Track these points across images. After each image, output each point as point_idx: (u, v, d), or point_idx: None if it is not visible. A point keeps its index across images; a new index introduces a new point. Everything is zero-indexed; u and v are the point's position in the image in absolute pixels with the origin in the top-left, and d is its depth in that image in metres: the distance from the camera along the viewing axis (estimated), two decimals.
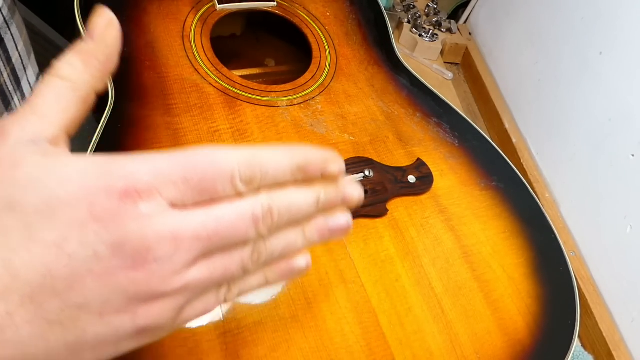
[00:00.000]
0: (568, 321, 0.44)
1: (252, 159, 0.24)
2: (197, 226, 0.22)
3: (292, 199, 0.25)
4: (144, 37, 0.52)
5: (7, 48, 0.39)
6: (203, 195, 0.23)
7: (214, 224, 0.23)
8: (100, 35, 0.26)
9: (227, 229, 0.23)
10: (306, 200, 0.26)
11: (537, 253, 0.47)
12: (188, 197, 0.22)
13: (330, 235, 0.27)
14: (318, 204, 0.26)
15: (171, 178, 0.22)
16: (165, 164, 0.22)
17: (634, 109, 0.62)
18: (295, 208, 0.25)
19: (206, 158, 0.23)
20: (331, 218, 0.27)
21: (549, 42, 0.79)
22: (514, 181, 0.53)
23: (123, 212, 0.21)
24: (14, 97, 0.40)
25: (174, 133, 0.46)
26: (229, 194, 0.23)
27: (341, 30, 0.62)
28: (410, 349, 0.39)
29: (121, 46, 0.27)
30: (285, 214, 0.25)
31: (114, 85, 0.48)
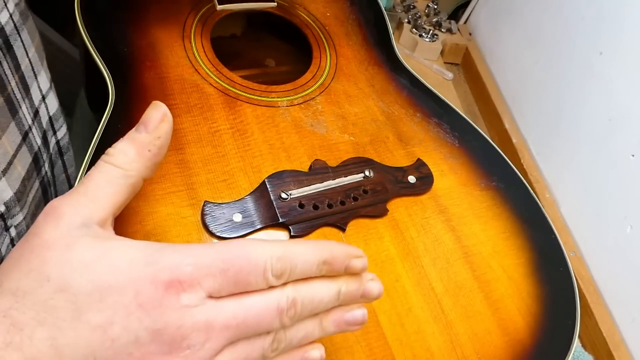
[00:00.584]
0: (568, 321, 0.44)
1: (284, 254, 0.26)
2: (228, 316, 0.25)
3: (316, 292, 0.27)
4: (144, 38, 0.52)
5: (15, 55, 0.39)
6: (237, 287, 0.25)
7: (243, 314, 0.25)
8: (154, 128, 0.29)
9: (254, 319, 0.25)
10: (329, 293, 0.27)
11: (537, 253, 0.47)
12: (224, 288, 0.25)
13: (346, 327, 0.29)
14: (339, 297, 0.28)
15: (211, 270, 0.24)
16: (206, 257, 0.25)
17: (634, 109, 0.62)
18: (317, 300, 0.27)
19: (243, 252, 0.25)
20: (349, 311, 0.29)
21: (549, 42, 0.79)
22: (514, 181, 0.53)
23: (166, 302, 0.24)
24: (22, 104, 0.40)
25: (175, 133, 0.46)
26: (261, 286, 0.25)
27: (341, 30, 0.62)
28: (410, 349, 0.39)
29: (169, 133, 0.30)
30: (308, 305, 0.27)
31: (114, 85, 0.48)
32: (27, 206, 0.40)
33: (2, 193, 0.36)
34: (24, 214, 0.39)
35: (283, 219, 0.42)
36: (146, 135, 0.29)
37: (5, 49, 0.38)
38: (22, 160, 0.40)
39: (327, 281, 0.28)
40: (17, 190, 0.38)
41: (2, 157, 0.37)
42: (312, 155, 0.48)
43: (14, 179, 0.38)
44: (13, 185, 0.38)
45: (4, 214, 0.37)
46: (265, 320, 0.25)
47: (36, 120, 0.43)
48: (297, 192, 0.44)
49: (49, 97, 0.46)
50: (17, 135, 0.39)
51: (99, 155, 0.43)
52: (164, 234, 0.40)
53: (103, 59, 0.49)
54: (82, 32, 0.51)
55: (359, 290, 0.29)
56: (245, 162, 0.46)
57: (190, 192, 0.43)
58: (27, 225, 0.40)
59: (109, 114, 0.46)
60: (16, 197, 0.38)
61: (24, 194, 0.40)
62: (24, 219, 0.40)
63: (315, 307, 0.27)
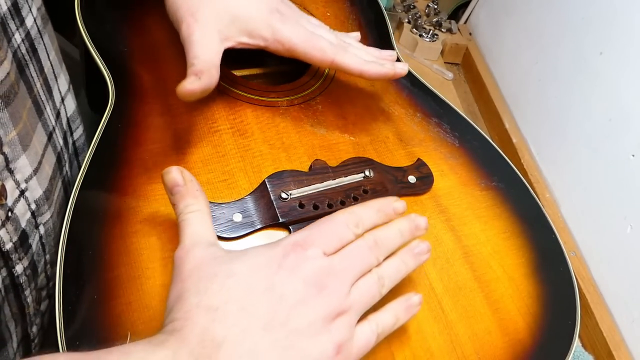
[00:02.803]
0: (568, 321, 0.44)
1: (351, 211, 0.37)
2: (342, 260, 0.34)
3: (384, 231, 0.37)
4: (145, 37, 0.52)
5: (40, 58, 0.40)
6: (338, 242, 0.35)
7: (349, 257, 0.35)
8: (187, 181, 0.38)
9: (358, 258, 0.35)
10: (393, 231, 0.38)
11: (537, 253, 0.47)
12: (329, 244, 0.35)
13: (419, 256, 0.38)
14: (401, 233, 0.38)
15: (315, 234, 0.35)
16: (307, 229, 0.36)
17: (634, 109, 0.62)
18: (388, 237, 0.37)
19: (327, 219, 0.36)
20: (414, 245, 0.39)
21: (549, 42, 0.79)
22: (514, 181, 0.53)
23: (299, 258, 0.33)
24: (47, 106, 0.41)
25: (175, 133, 0.46)
26: (350, 237, 0.36)
27: (341, 30, 0.62)
28: (410, 349, 0.39)
29: (191, 177, 0.39)
30: (384, 241, 0.37)
31: (114, 85, 0.48)
32: (54, 205, 0.41)
33: (33, 192, 0.38)
34: (51, 213, 0.40)
35: (283, 218, 0.42)
36: (187, 184, 0.38)
37: (31, 52, 0.39)
38: (49, 160, 0.41)
39: (389, 224, 0.38)
40: (45, 189, 0.39)
41: (34, 157, 0.38)
42: (312, 155, 0.48)
43: (43, 178, 0.39)
44: (42, 184, 0.39)
45: (35, 212, 0.38)
46: (364, 257, 0.35)
47: (58, 121, 0.44)
48: (297, 192, 0.44)
49: (68, 98, 0.46)
50: (44, 136, 0.40)
51: (99, 155, 0.43)
52: (163, 233, 0.40)
53: (103, 59, 0.49)
54: (82, 32, 0.51)
55: (412, 223, 0.39)
56: (245, 162, 0.46)
57: None
58: (53, 224, 0.41)
59: (109, 114, 0.46)
60: (45, 196, 0.39)
61: (51, 192, 0.41)
62: (51, 218, 0.40)
63: (389, 243, 0.37)
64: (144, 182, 0.42)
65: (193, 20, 0.42)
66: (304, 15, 0.49)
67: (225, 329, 0.30)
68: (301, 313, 0.32)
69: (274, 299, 0.32)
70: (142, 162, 0.44)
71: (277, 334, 0.31)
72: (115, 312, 0.36)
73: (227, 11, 0.43)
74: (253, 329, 0.31)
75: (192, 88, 0.39)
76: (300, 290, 0.32)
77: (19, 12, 0.37)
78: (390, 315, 0.36)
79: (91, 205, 0.41)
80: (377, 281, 0.36)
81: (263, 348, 0.30)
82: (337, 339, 0.32)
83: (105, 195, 0.42)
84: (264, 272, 0.33)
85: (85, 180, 0.41)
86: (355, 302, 0.34)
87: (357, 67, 0.46)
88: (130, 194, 0.42)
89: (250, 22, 0.44)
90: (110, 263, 0.38)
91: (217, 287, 0.32)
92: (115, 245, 0.39)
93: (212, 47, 0.42)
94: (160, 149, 0.45)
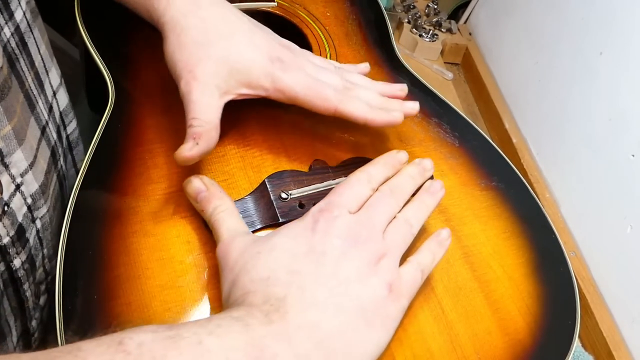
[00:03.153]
0: (568, 321, 0.44)
1: (361, 171, 0.41)
2: (369, 212, 0.38)
3: (396, 178, 0.42)
4: (144, 37, 0.52)
5: (30, 52, 0.40)
6: (357, 201, 0.39)
7: (373, 208, 0.38)
8: (209, 186, 0.40)
9: (383, 207, 0.39)
10: (403, 176, 0.42)
11: (537, 253, 0.47)
12: (352, 204, 0.38)
13: (434, 194, 0.42)
14: (411, 176, 0.42)
15: (336, 199, 0.38)
16: (329, 196, 0.39)
17: (634, 109, 0.62)
18: (400, 182, 0.41)
19: (343, 184, 0.40)
20: (428, 186, 0.42)
21: (549, 42, 0.79)
22: (514, 181, 0.53)
23: (328, 220, 0.37)
24: (39, 100, 0.41)
25: (175, 133, 0.46)
26: (368, 192, 0.39)
27: (341, 30, 0.62)
28: (410, 349, 0.39)
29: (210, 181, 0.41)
30: (398, 186, 0.41)
31: (114, 85, 0.48)
32: (50, 199, 0.41)
33: (29, 186, 0.38)
34: (47, 207, 0.40)
35: (283, 218, 0.42)
36: (209, 187, 0.40)
37: (21, 47, 0.39)
38: (44, 155, 0.41)
39: (398, 173, 0.42)
40: (41, 183, 0.39)
41: (29, 151, 0.38)
42: (312, 155, 0.48)
43: (38, 172, 0.39)
44: (38, 178, 0.39)
45: (31, 206, 0.38)
46: (386, 205, 0.39)
47: (51, 115, 0.44)
48: (297, 192, 0.44)
49: (60, 92, 0.46)
50: (37, 130, 0.40)
51: (99, 155, 0.43)
52: (163, 233, 0.40)
53: (103, 59, 0.49)
54: (82, 32, 0.51)
55: (419, 166, 0.43)
56: (245, 162, 0.46)
57: None
58: (50, 218, 0.41)
59: (109, 113, 0.46)
60: (41, 190, 0.39)
61: (47, 186, 0.41)
62: (47, 212, 0.41)
63: (404, 188, 0.41)
64: (144, 182, 0.42)
65: (191, 77, 0.41)
66: (308, 57, 0.48)
67: (282, 288, 0.33)
68: (346, 264, 0.35)
69: (317, 258, 0.35)
70: (142, 162, 0.44)
71: (330, 284, 0.34)
72: (115, 312, 0.36)
73: (225, 64, 0.42)
74: (307, 284, 0.33)
75: (190, 155, 0.39)
76: (338, 245, 0.35)
77: (8, 6, 0.37)
78: (427, 252, 0.39)
79: (91, 205, 0.41)
80: (405, 223, 0.39)
81: (322, 297, 0.33)
82: (386, 279, 0.35)
83: (105, 195, 0.42)
84: (301, 239, 0.36)
85: (85, 180, 0.41)
86: (391, 244, 0.37)
87: (362, 116, 0.44)
88: (130, 194, 0.42)
89: (250, 73, 0.43)
90: (110, 263, 0.38)
91: (263, 261, 0.34)
92: (115, 245, 0.39)
93: (212, 105, 0.41)
94: (160, 149, 0.45)
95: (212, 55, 0.42)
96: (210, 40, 0.43)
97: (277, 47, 0.45)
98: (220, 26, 0.44)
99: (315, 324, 0.32)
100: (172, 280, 0.38)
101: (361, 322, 0.33)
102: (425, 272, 0.39)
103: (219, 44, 0.43)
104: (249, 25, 0.45)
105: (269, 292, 0.33)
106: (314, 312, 0.32)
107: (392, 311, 0.35)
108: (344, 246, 0.36)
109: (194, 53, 0.42)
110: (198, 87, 0.41)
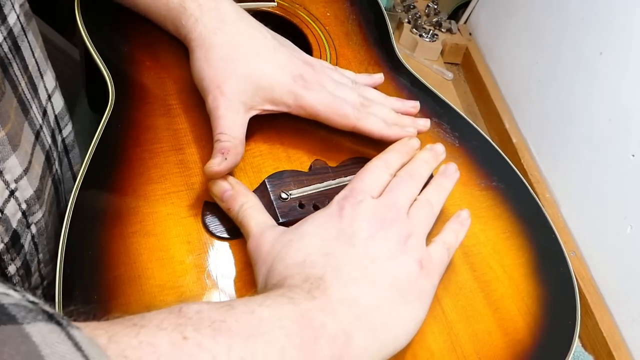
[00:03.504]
0: (568, 321, 0.44)
1: (378, 159, 0.43)
2: (391, 195, 0.40)
3: (412, 163, 0.44)
4: (144, 37, 0.52)
5: (23, 56, 0.40)
6: (378, 186, 0.40)
7: (395, 191, 0.40)
8: (233, 184, 0.41)
9: (401, 189, 0.40)
10: (417, 160, 0.44)
11: (537, 253, 0.47)
12: (373, 190, 0.40)
13: (451, 176, 0.44)
14: (426, 160, 0.44)
15: (358, 186, 0.40)
16: (350, 184, 0.40)
17: (634, 109, 0.62)
18: (416, 166, 0.43)
19: (362, 172, 0.41)
20: (443, 169, 0.44)
21: (549, 42, 0.79)
22: (514, 181, 0.53)
23: (353, 205, 0.38)
24: (32, 105, 0.41)
25: (174, 133, 0.46)
26: (387, 178, 0.41)
27: (341, 30, 0.62)
28: (410, 348, 0.39)
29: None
30: (415, 170, 0.43)
31: (114, 85, 0.48)
32: (45, 204, 0.41)
33: (24, 191, 0.38)
34: (42, 212, 0.40)
35: (283, 219, 0.42)
36: (234, 186, 0.41)
37: (14, 51, 0.39)
38: (38, 159, 0.41)
39: (413, 159, 0.44)
40: (36, 188, 0.39)
41: (24, 157, 0.38)
42: (312, 155, 0.48)
43: (33, 177, 0.39)
44: (33, 183, 0.39)
45: (26, 212, 0.38)
46: (406, 187, 0.41)
47: (45, 120, 0.44)
48: (297, 192, 0.44)
49: (55, 96, 0.46)
50: (31, 135, 0.40)
51: (98, 156, 0.43)
52: (163, 233, 0.40)
53: (103, 59, 0.49)
54: (82, 32, 0.51)
55: (431, 151, 0.45)
56: (245, 162, 0.46)
57: (190, 192, 0.43)
58: (45, 223, 0.41)
59: (109, 114, 0.46)
60: (36, 195, 0.39)
61: (42, 191, 0.41)
62: (43, 217, 0.40)
63: (421, 171, 0.43)
64: (144, 182, 0.42)
65: (219, 93, 0.43)
66: (327, 72, 0.49)
67: (319, 269, 0.34)
68: (376, 244, 0.36)
69: (347, 240, 0.36)
70: (142, 162, 0.44)
71: (364, 263, 0.35)
72: (115, 312, 0.36)
73: (251, 81, 0.44)
74: (342, 264, 0.35)
75: (219, 170, 0.40)
76: (365, 227, 0.37)
77: (1, 10, 0.37)
78: (450, 232, 0.41)
79: (91, 206, 0.41)
80: (426, 203, 0.41)
81: (359, 274, 0.35)
82: (416, 256, 0.37)
83: (105, 196, 0.41)
84: (329, 224, 0.37)
85: (85, 181, 0.41)
86: (416, 223, 0.39)
87: (379, 133, 0.47)
88: (130, 194, 0.41)
89: (274, 91, 0.45)
90: (110, 263, 0.38)
91: (295, 247, 0.36)
92: (115, 245, 0.39)
93: (238, 121, 0.43)
94: (160, 149, 0.45)
95: (238, 72, 0.44)
96: (236, 58, 0.45)
97: (299, 64, 0.47)
98: (246, 43, 0.46)
99: (355, 299, 0.33)
100: (172, 281, 0.38)
101: (397, 298, 0.35)
102: (451, 251, 0.41)
103: (245, 62, 0.45)
104: (272, 42, 0.47)
105: (307, 273, 0.34)
106: (352, 288, 0.34)
107: (426, 286, 0.37)
108: (372, 228, 0.37)
109: (222, 70, 0.44)
110: (225, 103, 0.43)
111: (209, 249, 0.40)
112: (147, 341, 0.25)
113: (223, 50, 0.45)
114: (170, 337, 0.26)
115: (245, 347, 0.28)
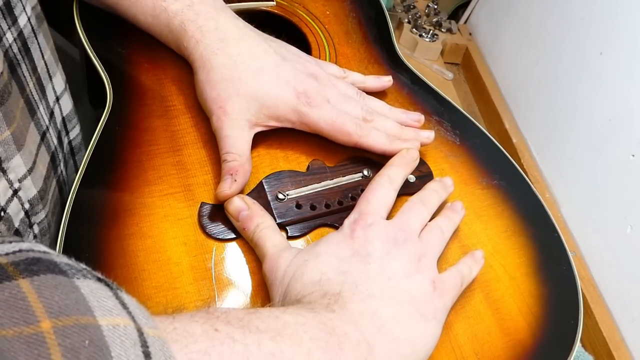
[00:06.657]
0: (570, 321, 0.43)
1: (380, 175, 0.43)
2: (404, 216, 0.41)
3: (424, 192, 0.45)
4: (142, 38, 0.52)
5: (33, 58, 0.41)
6: (385, 207, 0.41)
7: (407, 213, 0.41)
8: (250, 205, 0.41)
9: (414, 212, 0.42)
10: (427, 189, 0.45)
11: (539, 252, 0.47)
12: (382, 211, 0.40)
13: (458, 212, 0.45)
14: (433, 190, 0.45)
15: (366, 208, 0.40)
16: (357, 207, 0.41)
17: (634, 109, 0.61)
18: (428, 194, 0.44)
19: (367, 193, 0.42)
20: (450, 206, 0.45)
21: (549, 42, 0.78)
22: (515, 179, 0.52)
23: (365, 228, 0.39)
24: (40, 106, 0.41)
25: (172, 135, 0.46)
26: (393, 195, 0.42)
27: (341, 29, 0.61)
28: None
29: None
30: (427, 197, 0.44)
31: (112, 87, 0.48)
32: (48, 205, 0.41)
33: (27, 191, 0.38)
34: (45, 212, 0.40)
35: (280, 219, 0.42)
36: (251, 210, 0.40)
37: (23, 52, 0.39)
38: (43, 160, 0.41)
39: (423, 188, 0.45)
40: (40, 188, 0.39)
41: (28, 157, 0.38)
42: (310, 155, 0.47)
43: (37, 177, 0.39)
44: (37, 184, 0.39)
45: (29, 212, 0.38)
46: (418, 211, 0.42)
47: (52, 121, 0.44)
48: (294, 192, 0.44)
49: (63, 98, 0.46)
50: (37, 136, 0.40)
51: (96, 158, 0.43)
52: (160, 235, 0.40)
53: (101, 61, 0.49)
54: (80, 33, 0.51)
55: (440, 183, 0.46)
56: None
57: (187, 193, 0.42)
58: (48, 224, 0.41)
59: (106, 115, 0.46)
60: (39, 195, 0.39)
61: (46, 192, 0.41)
62: (46, 217, 0.40)
63: (432, 200, 0.44)
64: (141, 183, 0.42)
65: (222, 113, 0.44)
66: (332, 82, 0.49)
67: (336, 286, 0.35)
68: (391, 262, 0.37)
69: (362, 259, 0.37)
70: (140, 164, 0.43)
71: (381, 279, 0.36)
72: None
73: (255, 99, 0.44)
74: (359, 280, 0.35)
75: (231, 192, 0.41)
76: (379, 247, 0.37)
77: (12, 11, 0.37)
78: (464, 265, 0.41)
79: (88, 207, 0.40)
80: (437, 228, 0.41)
81: (376, 290, 0.35)
82: (430, 276, 0.38)
83: (102, 197, 0.41)
84: (343, 245, 0.38)
85: (83, 182, 0.41)
86: (428, 245, 0.40)
87: (381, 148, 0.47)
88: (127, 196, 0.41)
89: (278, 108, 0.45)
90: (107, 265, 0.38)
91: (311, 267, 0.36)
92: (112, 246, 0.38)
93: (242, 138, 0.44)
94: (157, 151, 0.45)
95: (241, 92, 0.44)
96: (239, 77, 0.45)
97: (303, 78, 0.46)
98: (248, 62, 0.45)
99: (375, 312, 0.34)
100: (169, 282, 0.38)
101: (416, 314, 0.35)
102: (465, 281, 0.41)
103: (247, 81, 0.45)
104: (274, 58, 0.47)
105: (324, 290, 0.35)
106: (371, 302, 0.34)
107: (440, 306, 0.37)
108: (386, 247, 0.38)
109: (224, 90, 0.44)
110: (228, 122, 0.43)
111: (205, 251, 0.40)
112: (182, 327, 0.26)
113: (224, 70, 0.45)
114: (203, 327, 0.27)
115: (273, 344, 0.28)
